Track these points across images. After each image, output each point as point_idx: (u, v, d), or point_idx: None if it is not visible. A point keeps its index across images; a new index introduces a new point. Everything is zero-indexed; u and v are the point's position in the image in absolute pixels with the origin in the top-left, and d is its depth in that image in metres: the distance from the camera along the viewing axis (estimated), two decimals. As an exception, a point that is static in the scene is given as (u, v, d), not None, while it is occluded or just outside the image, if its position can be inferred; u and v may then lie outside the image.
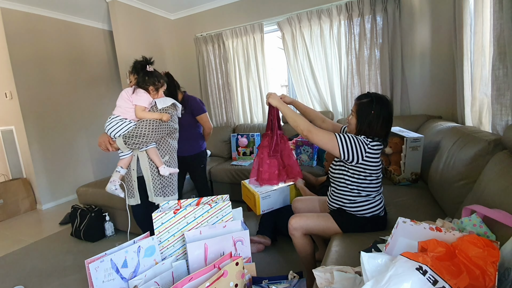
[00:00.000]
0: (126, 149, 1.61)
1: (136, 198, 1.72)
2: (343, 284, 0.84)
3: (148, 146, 1.64)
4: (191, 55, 4.04)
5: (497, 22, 1.31)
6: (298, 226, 1.43)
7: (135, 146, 1.59)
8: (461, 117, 2.04)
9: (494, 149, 1.27)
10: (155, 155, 1.66)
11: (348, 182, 1.37)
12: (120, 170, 1.67)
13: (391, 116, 1.35)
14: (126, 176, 1.74)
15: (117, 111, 1.62)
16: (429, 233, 0.83)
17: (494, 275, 0.69)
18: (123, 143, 1.57)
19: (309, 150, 2.71)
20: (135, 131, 1.57)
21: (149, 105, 1.64)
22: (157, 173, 1.68)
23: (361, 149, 1.29)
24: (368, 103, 1.33)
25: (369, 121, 1.32)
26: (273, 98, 1.49)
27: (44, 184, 3.45)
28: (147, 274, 1.17)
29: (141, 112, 1.60)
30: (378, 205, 1.40)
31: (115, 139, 1.60)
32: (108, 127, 1.60)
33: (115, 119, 1.59)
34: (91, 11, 3.61)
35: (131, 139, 1.57)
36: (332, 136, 1.31)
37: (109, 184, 1.64)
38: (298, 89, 3.34)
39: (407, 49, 2.83)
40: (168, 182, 1.72)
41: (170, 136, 1.74)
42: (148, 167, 1.66)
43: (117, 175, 1.66)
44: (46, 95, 3.44)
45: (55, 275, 2.00)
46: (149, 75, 1.64)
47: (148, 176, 1.67)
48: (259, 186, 1.92)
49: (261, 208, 1.90)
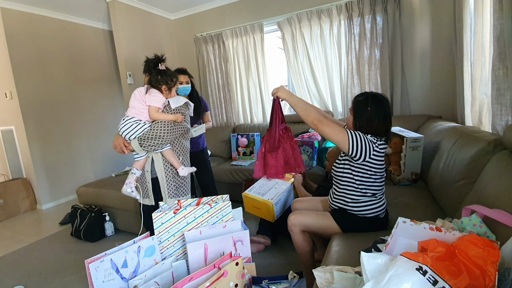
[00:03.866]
0: (141, 151, 1.58)
1: (150, 198, 1.69)
2: (343, 284, 0.84)
3: (164, 148, 1.60)
4: (191, 55, 4.04)
5: (497, 22, 1.31)
6: (297, 223, 1.44)
7: (151, 148, 1.55)
8: (461, 117, 2.04)
9: (494, 149, 1.27)
10: (172, 157, 1.62)
11: (352, 181, 1.38)
12: (136, 172, 1.63)
13: (388, 112, 1.36)
14: (140, 177, 1.70)
15: (130, 112, 1.57)
16: (429, 233, 0.83)
17: (494, 275, 0.69)
18: (138, 145, 1.54)
19: (309, 150, 2.71)
20: (150, 133, 1.54)
21: (162, 105, 1.59)
22: (171, 175, 1.64)
23: (369, 147, 1.30)
24: (364, 100, 1.36)
25: (367, 118, 1.34)
26: (282, 91, 1.49)
27: (44, 184, 3.45)
28: (147, 274, 1.17)
29: (155, 113, 1.56)
30: (381, 206, 1.40)
31: (130, 141, 1.57)
32: (122, 129, 1.56)
33: (129, 121, 1.55)
34: (91, 11, 3.61)
35: (147, 141, 1.53)
36: (342, 129, 1.32)
37: (125, 186, 1.61)
38: (298, 89, 3.34)
39: (407, 49, 2.83)
40: (181, 183, 1.69)
41: (183, 137, 1.71)
42: (163, 169, 1.63)
43: (132, 177, 1.62)
44: (46, 95, 3.44)
45: (55, 275, 2.00)
46: (162, 74, 1.58)
47: (162, 178, 1.63)
48: (263, 193, 1.92)
49: (275, 214, 1.86)
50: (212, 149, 3.51)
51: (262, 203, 1.87)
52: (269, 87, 3.54)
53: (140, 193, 1.69)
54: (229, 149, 3.49)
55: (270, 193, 1.92)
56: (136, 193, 1.64)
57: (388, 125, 1.37)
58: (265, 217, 1.94)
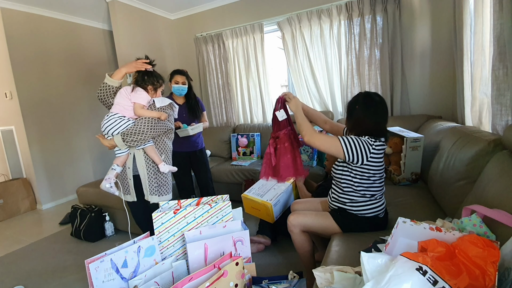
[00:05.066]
0: (124, 146, 1.60)
1: (132, 195, 1.72)
2: (343, 284, 0.84)
3: (146, 144, 1.64)
4: (191, 55, 4.04)
5: (497, 22, 1.31)
6: (297, 223, 1.44)
7: (134, 143, 1.58)
8: (461, 117, 2.04)
9: (494, 149, 1.27)
10: (154, 153, 1.66)
11: (351, 183, 1.37)
12: (116, 168, 1.65)
13: (380, 110, 1.35)
14: (121, 174, 1.73)
15: (115, 108, 1.61)
16: (429, 233, 0.83)
17: (494, 275, 0.69)
18: (121, 141, 1.57)
19: (309, 150, 2.71)
20: (133, 128, 1.58)
21: (147, 103, 1.65)
22: (153, 172, 1.68)
23: (366, 150, 1.29)
24: (353, 100, 1.40)
25: (357, 117, 1.36)
26: (294, 104, 1.52)
27: (44, 184, 3.45)
28: (147, 274, 1.17)
29: (140, 109, 1.61)
30: (380, 205, 1.40)
31: (113, 137, 1.59)
32: (105, 125, 1.59)
33: (113, 117, 1.59)
34: (91, 11, 3.61)
35: (130, 136, 1.56)
36: (334, 139, 1.31)
37: (104, 182, 1.63)
38: (298, 89, 3.34)
39: (407, 49, 2.82)
40: (163, 181, 1.73)
41: (166, 136, 1.75)
42: (145, 166, 1.66)
43: (112, 173, 1.64)
44: (46, 95, 3.44)
45: (55, 275, 2.00)
46: (148, 74, 1.66)
47: (144, 175, 1.67)
48: (262, 194, 1.92)
49: (274, 215, 1.87)
50: (212, 149, 3.51)
51: (261, 204, 1.87)
52: (269, 87, 3.54)
53: (120, 189, 1.71)
54: (229, 149, 3.49)
55: (269, 194, 1.92)
56: (115, 189, 1.65)
57: (381, 122, 1.35)
58: (265, 218, 1.94)
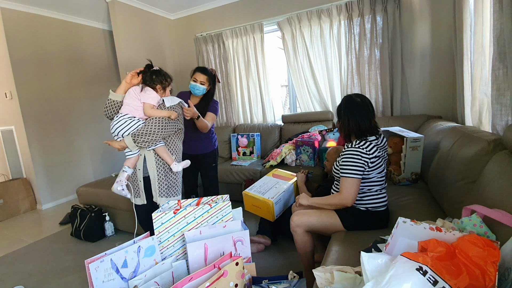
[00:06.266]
0: (135, 147, 1.58)
1: (142, 198, 1.69)
2: (343, 284, 0.84)
3: (157, 145, 1.61)
4: (191, 55, 4.04)
5: (497, 22, 1.31)
6: (301, 223, 1.44)
7: (145, 144, 1.55)
8: (461, 117, 2.03)
9: (494, 149, 1.27)
10: (165, 153, 1.63)
11: None
12: (127, 170, 1.63)
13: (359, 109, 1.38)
14: (131, 176, 1.70)
15: (125, 109, 1.58)
16: (429, 233, 0.83)
17: (494, 275, 0.69)
18: (132, 142, 1.54)
19: (309, 150, 2.71)
20: (144, 129, 1.54)
21: (157, 103, 1.62)
22: (164, 173, 1.65)
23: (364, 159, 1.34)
24: (339, 105, 1.46)
25: (342, 121, 1.42)
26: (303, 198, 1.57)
27: (44, 184, 3.45)
28: (147, 274, 1.17)
29: (150, 109, 1.57)
30: (381, 199, 1.43)
31: (123, 138, 1.56)
32: (115, 126, 1.56)
33: (124, 118, 1.56)
34: (91, 11, 3.61)
35: (141, 137, 1.53)
36: (346, 181, 1.37)
37: (115, 184, 1.60)
38: (298, 89, 3.34)
39: (407, 49, 2.82)
40: (173, 183, 1.70)
41: (176, 136, 1.72)
42: (155, 167, 1.63)
43: (123, 175, 1.62)
44: (46, 95, 3.44)
45: (55, 275, 2.00)
46: (157, 73, 1.61)
47: (154, 176, 1.64)
48: (264, 192, 1.92)
49: (275, 213, 1.86)
50: (212, 149, 3.50)
51: (262, 202, 1.86)
52: (269, 87, 3.54)
53: (131, 192, 1.68)
54: (229, 149, 3.49)
55: (271, 192, 1.91)
56: (127, 191, 1.63)
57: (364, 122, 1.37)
58: (265, 216, 1.94)
